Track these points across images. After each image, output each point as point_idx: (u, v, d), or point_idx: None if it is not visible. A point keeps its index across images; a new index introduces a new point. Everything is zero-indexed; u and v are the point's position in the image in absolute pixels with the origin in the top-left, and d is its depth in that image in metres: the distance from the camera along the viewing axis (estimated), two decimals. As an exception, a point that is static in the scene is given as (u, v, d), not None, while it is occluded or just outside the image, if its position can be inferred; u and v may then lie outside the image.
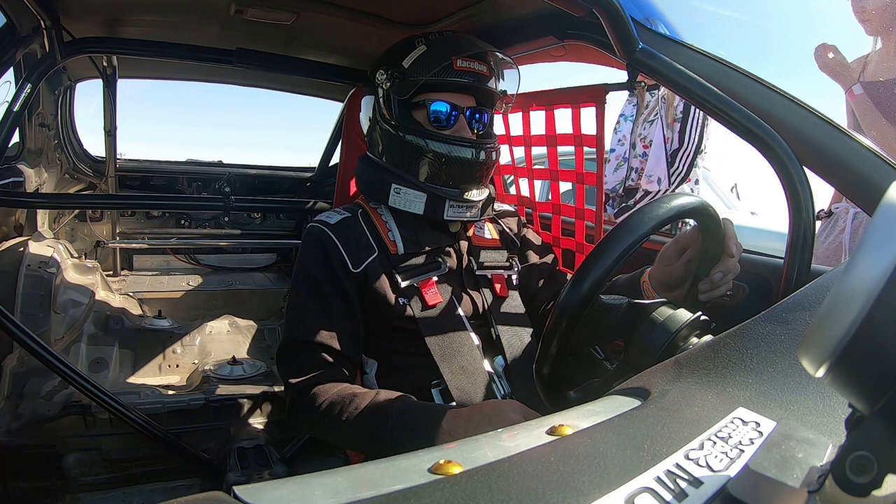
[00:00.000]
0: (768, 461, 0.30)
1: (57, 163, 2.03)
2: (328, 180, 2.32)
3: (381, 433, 0.77)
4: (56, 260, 1.70)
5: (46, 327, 1.58)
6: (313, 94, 2.18)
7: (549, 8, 0.95)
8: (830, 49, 1.69)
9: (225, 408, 1.60)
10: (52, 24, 1.17)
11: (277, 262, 2.52)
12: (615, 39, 0.85)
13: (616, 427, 0.41)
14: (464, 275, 1.00)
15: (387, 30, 1.27)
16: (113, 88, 1.88)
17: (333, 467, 0.36)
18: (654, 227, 0.58)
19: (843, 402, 0.33)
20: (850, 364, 0.26)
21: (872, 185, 0.68)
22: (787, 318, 0.53)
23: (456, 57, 0.92)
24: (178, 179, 2.32)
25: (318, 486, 0.32)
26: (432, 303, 0.93)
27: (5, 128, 1.32)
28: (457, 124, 0.95)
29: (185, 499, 0.28)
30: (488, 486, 0.31)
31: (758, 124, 0.74)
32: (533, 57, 1.19)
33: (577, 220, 1.18)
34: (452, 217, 0.96)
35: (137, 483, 1.50)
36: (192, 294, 2.17)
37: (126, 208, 2.22)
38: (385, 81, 0.95)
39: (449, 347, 0.90)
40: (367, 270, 0.92)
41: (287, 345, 0.92)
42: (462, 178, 0.94)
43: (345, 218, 0.97)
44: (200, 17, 1.32)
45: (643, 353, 0.61)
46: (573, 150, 1.16)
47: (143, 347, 1.84)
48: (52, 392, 1.46)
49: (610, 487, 0.32)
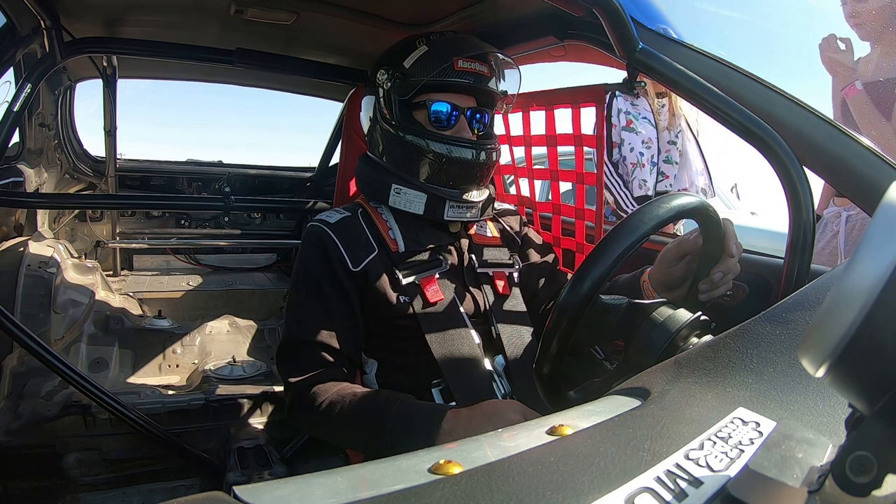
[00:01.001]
0: (768, 461, 0.30)
1: (57, 163, 2.03)
2: (328, 180, 2.32)
3: (381, 433, 0.77)
4: (56, 260, 1.70)
5: (46, 327, 1.58)
6: (313, 94, 2.18)
7: (549, 8, 0.95)
8: (844, 41, 1.67)
9: (225, 408, 1.60)
10: (52, 24, 1.17)
11: (277, 262, 2.53)
12: (615, 39, 0.85)
13: (616, 427, 0.41)
14: (465, 272, 1.00)
15: (387, 30, 1.27)
16: (113, 88, 1.88)
17: (333, 467, 0.36)
18: (654, 227, 0.58)
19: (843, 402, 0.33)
20: (850, 364, 0.26)
21: (872, 185, 0.68)
22: (787, 318, 0.53)
23: (457, 57, 0.92)
24: (178, 179, 2.32)
25: (318, 486, 0.32)
26: (434, 300, 0.93)
27: (5, 128, 1.32)
28: (457, 125, 0.95)
29: (185, 499, 0.28)
30: (488, 486, 0.31)
31: (758, 124, 0.74)
32: (533, 57, 1.19)
33: (577, 220, 1.18)
34: (452, 217, 0.96)
35: (137, 483, 1.50)
36: (192, 294, 2.17)
37: (126, 208, 2.22)
38: (386, 81, 0.95)
39: (450, 345, 0.90)
40: (368, 269, 0.92)
41: (287, 344, 0.92)
42: (462, 178, 0.94)
43: (345, 217, 0.97)
44: (200, 17, 1.32)
45: (643, 353, 0.61)
46: (573, 150, 1.16)
47: (143, 347, 1.84)
48: (52, 392, 1.46)
49: (610, 487, 0.32)
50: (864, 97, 1.61)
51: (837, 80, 1.68)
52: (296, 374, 0.88)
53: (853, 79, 1.64)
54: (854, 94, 1.63)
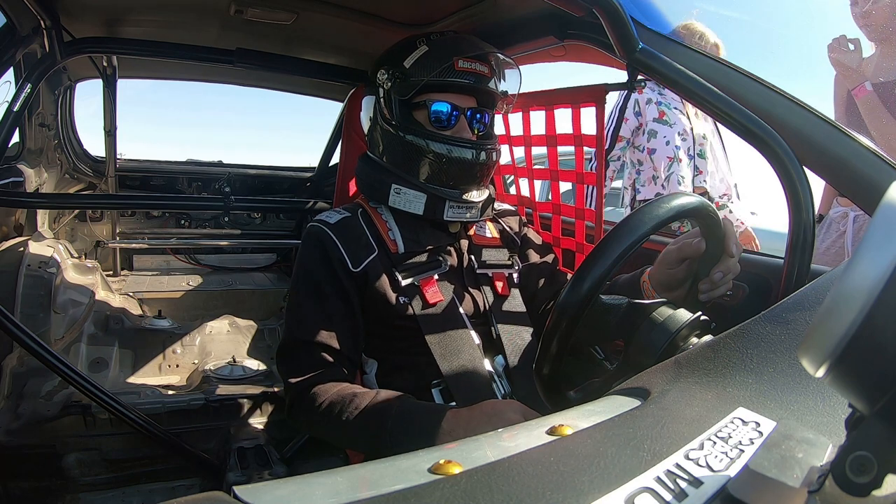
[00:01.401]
0: (768, 461, 0.30)
1: (57, 163, 2.03)
2: (328, 180, 2.32)
3: (381, 433, 0.77)
4: (56, 260, 1.70)
5: (46, 327, 1.58)
6: (313, 94, 2.18)
7: (549, 8, 0.95)
8: (853, 42, 1.66)
9: (225, 408, 1.60)
10: (52, 24, 1.17)
11: (277, 262, 2.53)
12: (615, 39, 0.85)
13: (616, 427, 0.41)
14: (465, 273, 1.00)
15: (387, 30, 1.27)
16: (113, 88, 1.88)
17: (333, 467, 0.36)
18: (653, 228, 0.58)
19: (843, 402, 0.33)
20: (850, 364, 0.26)
21: (872, 185, 0.68)
22: (787, 318, 0.53)
23: (457, 58, 0.92)
24: (178, 179, 2.32)
25: (318, 486, 0.32)
26: (433, 301, 0.93)
27: (5, 128, 1.32)
28: (457, 125, 0.95)
29: (185, 499, 0.28)
30: (488, 486, 0.31)
31: (758, 124, 0.74)
32: (533, 57, 1.19)
33: (577, 220, 1.18)
34: (452, 218, 0.96)
35: (137, 483, 1.50)
36: (192, 294, 2.17)
37: (126, 208, 2.22)
38: (386, 81, 0.95)
39: (449, 346, 0.90)
40: (367, 269, 0.92)
41: (287, 345, 0.92)
42: (462, 178, 0.94)
43: (344, 217, 0.97)
44: (200, 17, 1.32)
45: (643, 353, 0.61)
46: (573, 150, 1.16)
47: (143, 347, 1.84)
48: (52, 392, 1.46)
49: (610, 487, 0.32)
50: (874, 98, 1.61)
51: (849, 81, 1.67)
52: (296, 375, 0.88)
53: (862, 80, 1.63)
54: (864, 95, 1.62)
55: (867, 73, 1.66)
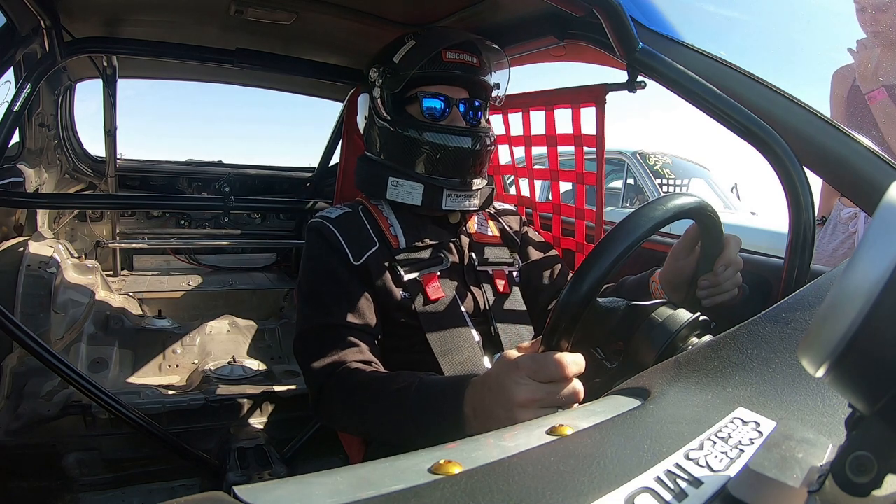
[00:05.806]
0: (768, 461, 0.30)
1: (57, 163, 2.03)
2: (328, 180, 2.32)
3: (404, 417, 0.71)
4: (56, 260, 1.70)
5: (46, 327, 1.59)
6: (313, 93, 2.18)
7: (549, 8, 0.95)
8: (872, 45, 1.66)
9: (225, 408, 1.61)
10: (52, 24, 1.18)
11: (277, 262, 2.53)
12: (615, 39, 0.85)
13: (616, 427, 0.41)
14: (465, 271, 1.00)
15: (387, 30, 1.27)
16: (113, 88, 1.88)
17: (333, 467, 0.36)
18: (653, 228, 0.58)
19: (843, 402, 0.33)
20: (850, 364, 0.26)
21: (872, 185, 0.68)
22: (787, 318, 0.53)
23: (444, 48, 0.92)
24: (178, 179, 2.33)
25: (318, 486, 0.32)
26: (435, 297, 0.92)
27: (5, 128, 1.32)
28: (450, 116, 0.96)
29: (185, 499, 0.28)
30: (488, 486, 0.31)
31: (758, 124, 0.74)
32: (533, 57, 1.19)
33: (577, 220, 1.18)
34: (451, 207, 0.96)
35: (137, 483, 1.50)
36: (192, 294, 2.17)
37: (126, 208, 2.22)
38: (378, 78, 0.96)
39: (449, 343, 0.90)
40: (369, 263, 0.92)
41: (305, 333, 0.89)
42: (458, 167, 0.94)
43: (345, 213, 0.97)
44: (200, 17, 1.33)
45: (643, 354, 0.62)
46: (573, 150, 1.16)
47: (143, 347, 1.84)
48: (52, 392, 1.46)
49: (610, 487, 0.32)
50: (889, 103, 1.61)
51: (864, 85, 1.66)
52: (320, 358, 0.84)
53: (877, 84, 1.63)
54: (881, 100, 1.62)
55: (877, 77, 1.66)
